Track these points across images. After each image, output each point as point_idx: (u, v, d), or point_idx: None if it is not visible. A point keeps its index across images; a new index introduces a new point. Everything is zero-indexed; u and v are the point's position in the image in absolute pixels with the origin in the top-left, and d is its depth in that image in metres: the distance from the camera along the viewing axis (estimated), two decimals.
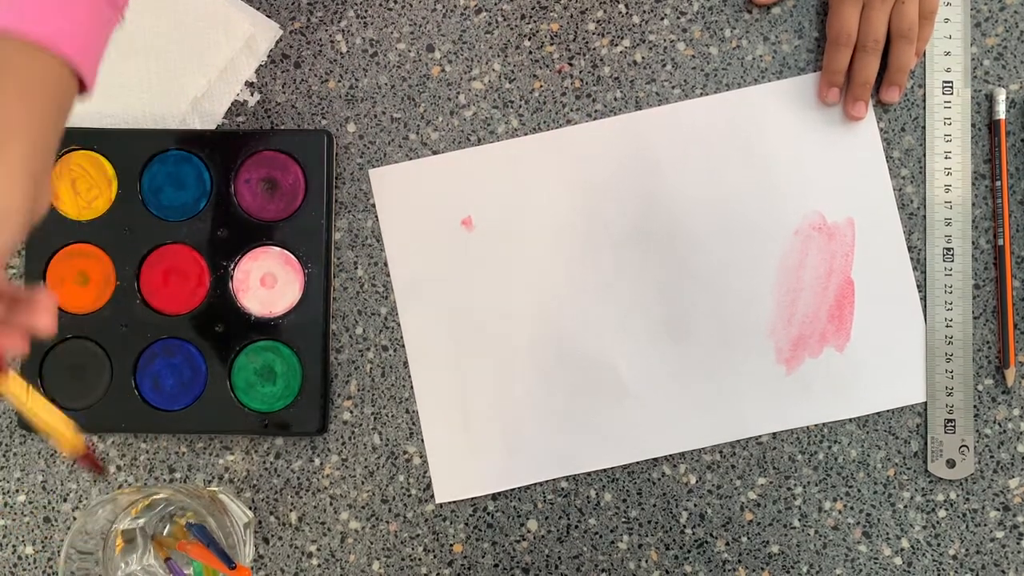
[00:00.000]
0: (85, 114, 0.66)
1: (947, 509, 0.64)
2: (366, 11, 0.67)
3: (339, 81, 0.67)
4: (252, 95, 0.67)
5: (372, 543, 0.65)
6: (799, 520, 0.64)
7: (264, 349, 0.64)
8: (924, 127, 0.65)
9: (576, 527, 0.64)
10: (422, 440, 0.65)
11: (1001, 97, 0.64)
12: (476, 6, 0.66)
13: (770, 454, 0.64)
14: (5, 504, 0.65)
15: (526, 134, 0.66)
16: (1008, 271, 0.64)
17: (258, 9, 0.67)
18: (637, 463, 0.64)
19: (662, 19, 0.66)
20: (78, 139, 0.65)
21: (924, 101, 0.65)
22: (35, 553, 0.65)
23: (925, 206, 0.65)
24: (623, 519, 0.64)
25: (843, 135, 0.65)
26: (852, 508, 0.64)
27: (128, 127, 0.66)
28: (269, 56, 0.67)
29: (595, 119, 0.66)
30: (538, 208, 0.65)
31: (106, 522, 0.59)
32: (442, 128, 0.66)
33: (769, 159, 0.65)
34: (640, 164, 0.65)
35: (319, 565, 0.64)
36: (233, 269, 0.65)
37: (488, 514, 0.65)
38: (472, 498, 0.64)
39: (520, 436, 0.64)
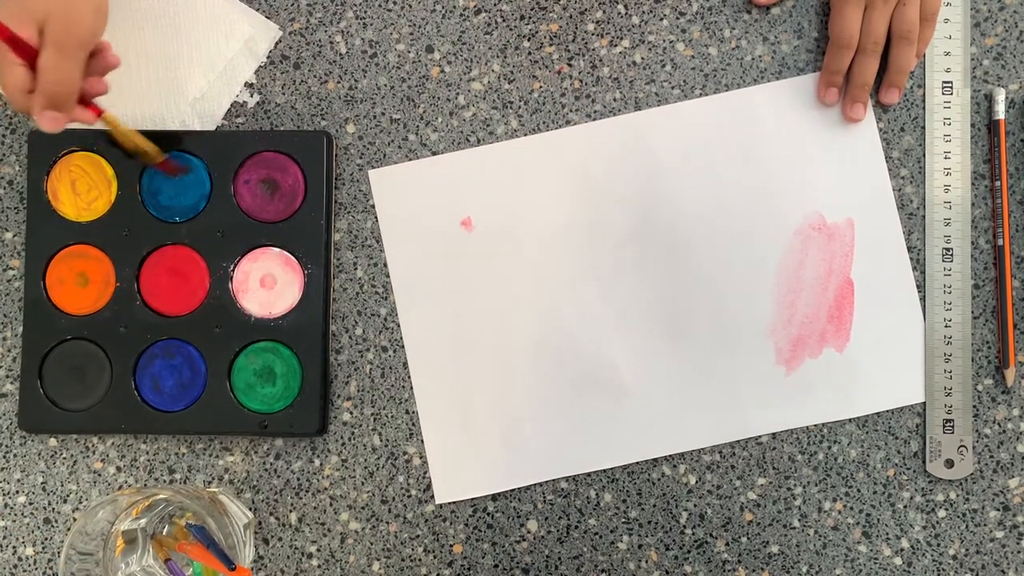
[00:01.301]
0: None
1: (947, 509, 0.64)
2: (365, 12, 0.67)
3: (338, 82, 0.67)
4: (251, 96, 0.67)
5: (372, 544, 0.65)
6: (799, 520, 0.64)
7: (264, 350, 0.64)
8: (924, 127, 0.65)
9: (576, 527, 0.64)
10: (422, 441, 0.65)
11: (1000, 97, 0.64)
12: (475, 7, 0.66)
13: (770, 454, 0.64)
14: (5, 505, 0.65)
15: (525, 135, 0.66)
16: (1008, 271, 0.64)
17: (257, 10, 0.67)
18: (637, 463, 0.64)
19: (661, 19, 0.66)
20: (78, 140, 0.65)
21: (924, 101, 0.65)
22: (35, 554, 0.65)
23: (924, 206, 0.65)
24: (623, 519, 0.64)
25: (843, 135, 0.65)
26: (852, 508, 0.64)
27: (128, 128, 0.66)
28: (268, 57, 0.67)
29: (594, 120, 0.66)
30: (538, 209, 0.65)
31: (106, 523, 0.59)
32: (441, 129, 0.66)
33: (769, 159, 0.65)
34: (639, 165, 0.65)
35: (319, 566, 0.65)
36: (233, 270, 0.65)
37: (488, 514, 0.65)
38: (472, 499, 0.65)
39: (520, 436, 0.65)
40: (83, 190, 0.65)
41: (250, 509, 0.65)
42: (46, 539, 0.65)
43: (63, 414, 0.64)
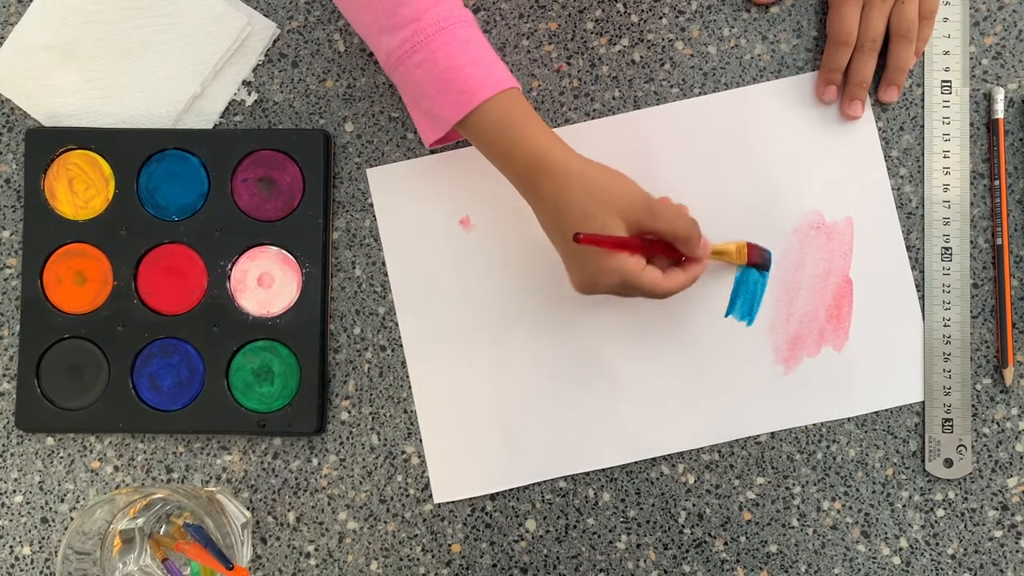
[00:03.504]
0: (82, 114, 0.66)
1: (946, 508, 0.64)
2: None
3: (337, 80, 0.66)
4: (249, 94, 0.66)
5: (370, 543, 0.65)
6: (798, 520, 0.64)
7: (262, 349, 0.64)
8: (923, 126, 0.65)
9: (575, 527, 0.64)
10: (420, 440, 0.65)
11: (999, 96, 0.64)
12: (474, 5, 0.66)
13: (768, 454, 0.64)
14: (2, 505, 0.65)
15: None
16: (1006, 270, 0.64)
17: (255, 8, 0.67)
18: (635, 463, 0.64)
19: (660, 18, 0.66)
20: (75, 139, 0.65)
21: (923, 100, 0.65)
22: (33, 554, 0.65)
23: (924, 205, 0.65)
24: (621, 519, 0.64)
25: (841, 134, 0.65)
26: (850, 508, 0.64)
27: (125, 126, 0.66)
28: (267, 55, 0.67)
29: (593, 118, 0.66)
30: None
31: (104, 522, 0.59)
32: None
33: (767, 158, 0.65)
34: (638, 163, 0.65)
35: (317, 565, 0.64)
36: (231, 269, 0.65)
37: (486, 514, 0.64)
38: (470, 498, 0.64)
39: (518, 436, 0.64)
40: (80, 188, 0.65)
41: (248, 508, 0.64)
42: (43, 538, 0.65)
43: (60, 413, 0.64)
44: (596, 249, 0.55)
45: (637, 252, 0.56)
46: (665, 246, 0.58)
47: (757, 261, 0.63)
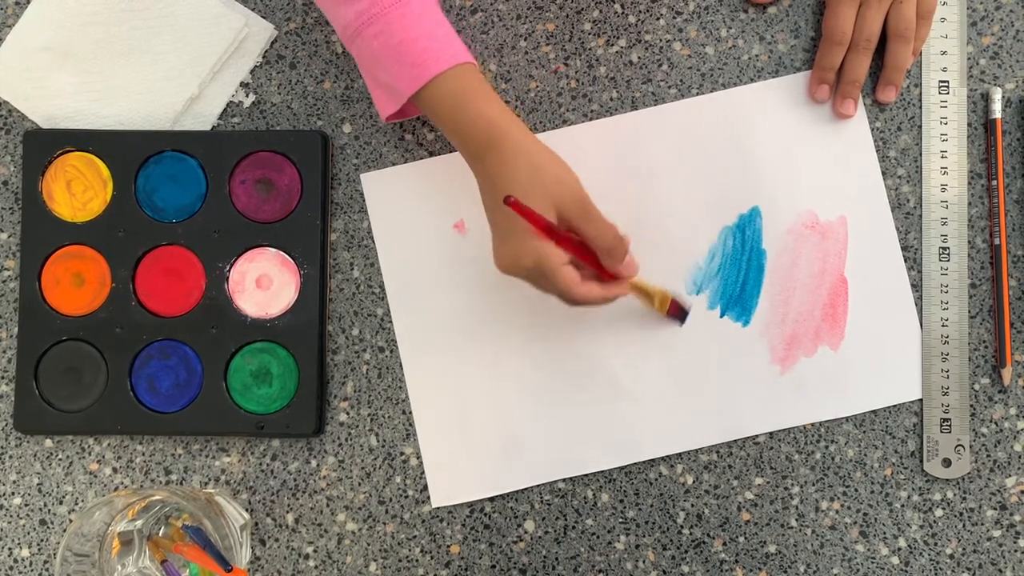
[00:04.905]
0: (80, 115, 0.66)
1: (944, 508, 0.64)
2: None
3: (335, 82, 0.66)
4: (247, 96, 0.66)
5: (369, 544, 0.65)
6: (796, 520, 0.64)
7: (260, 351, 0.64)
8: (920, 126, 0.65)
9: (573, 528, 0.64)
10: (418, 442, 0.65)
11: (997, 96, 0.64)
12: (472, 6, 0.66)
13: (767, 454, 0.64)
14: (1, 507, 0.65)
15: None
16: (1004, 270, 0.64)
17: (253, 9, 0.67)
18: (634, 463, 0.64)
19: (658, 19, 0.66)
20: (73, 140, 0.65)
21: (920, 100, 0.65)
22: (31, 556, 0.65)
23: (921, 205, 0.65)
24: (620, 519, 0.64)
25: (834, 133, 0.65)
26: (849, 508, 0.64)
27: (123, 128, 0.66)
28: (264, 57, 0.67)
29: (591, 119, 0.66)
30: None
31: (102, 524, 0.59)
32: (438, 129, 0.66)
33: (762, 158, 0.65)
34: (635, 164, 0.65)
35: (316, 567, 0.64)
36: (229, 270, 0.65)
37: (485, 515, 0.64)
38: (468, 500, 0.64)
39: (515, 440, 0.64)
40: (78, 190, 0.65)
41: (247, 510, 0.64)
42: (42, 540, 0.65)
43: (59, 415, 0.64)
44: (523, 226, 0.55)
45: (562, 245, 0.56)
46: (594, 259, 0.58)
47: (675, 315, 0.63)
